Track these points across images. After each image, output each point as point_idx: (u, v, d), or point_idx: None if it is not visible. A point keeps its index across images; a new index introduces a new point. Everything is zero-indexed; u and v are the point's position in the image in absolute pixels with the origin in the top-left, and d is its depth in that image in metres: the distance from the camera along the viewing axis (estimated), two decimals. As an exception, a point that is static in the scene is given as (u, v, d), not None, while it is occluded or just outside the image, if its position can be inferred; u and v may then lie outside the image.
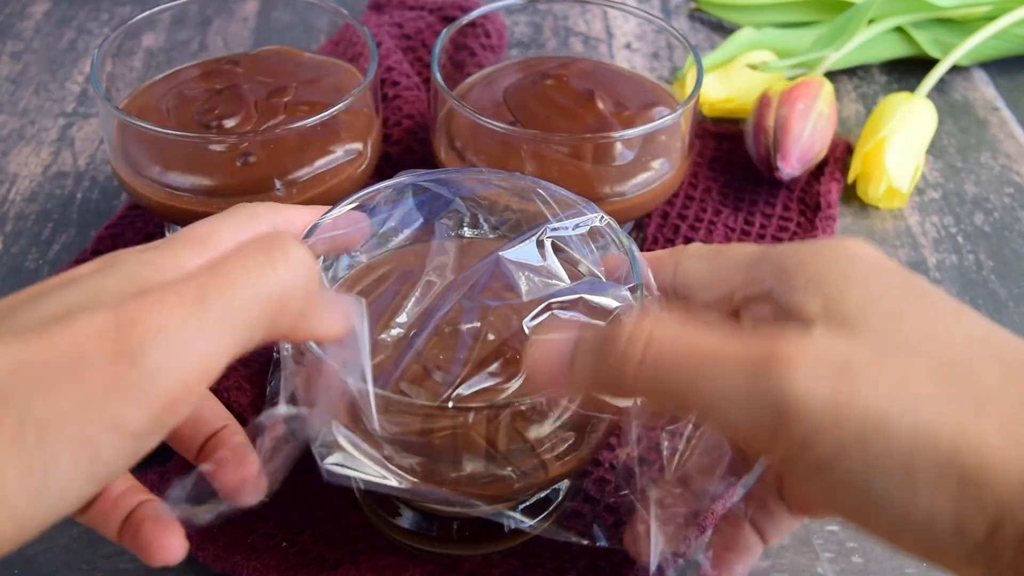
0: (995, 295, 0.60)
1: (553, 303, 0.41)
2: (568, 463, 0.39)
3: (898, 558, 0.46)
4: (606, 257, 0.42)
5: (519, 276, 0.41)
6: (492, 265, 0.42)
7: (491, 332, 0.41)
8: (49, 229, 0.62)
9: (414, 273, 0.43)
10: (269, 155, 0.51)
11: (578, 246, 0.43)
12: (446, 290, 0.42)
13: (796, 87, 0.63)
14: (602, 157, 0.53)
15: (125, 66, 0.58)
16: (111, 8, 0.83)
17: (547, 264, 0.42)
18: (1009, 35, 0.75)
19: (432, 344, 0.40)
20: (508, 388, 0.39)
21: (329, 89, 0.56)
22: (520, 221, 0.46)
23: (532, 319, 0.40)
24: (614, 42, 0.79)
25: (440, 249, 0.44)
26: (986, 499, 0.26)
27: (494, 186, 0.45)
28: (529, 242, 0.42)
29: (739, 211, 0.63)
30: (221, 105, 0.53)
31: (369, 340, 0.35)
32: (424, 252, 0.44)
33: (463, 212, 0.46)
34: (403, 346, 0.40)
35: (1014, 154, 0.70)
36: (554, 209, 0.43)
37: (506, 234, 0.46)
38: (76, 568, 0.45)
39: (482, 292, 0.41)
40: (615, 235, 0.42)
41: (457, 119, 0.55)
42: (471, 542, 0.45)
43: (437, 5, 0.75)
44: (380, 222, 0.45)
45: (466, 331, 0.41)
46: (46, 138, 0.69)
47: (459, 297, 0.41)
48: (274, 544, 0.44)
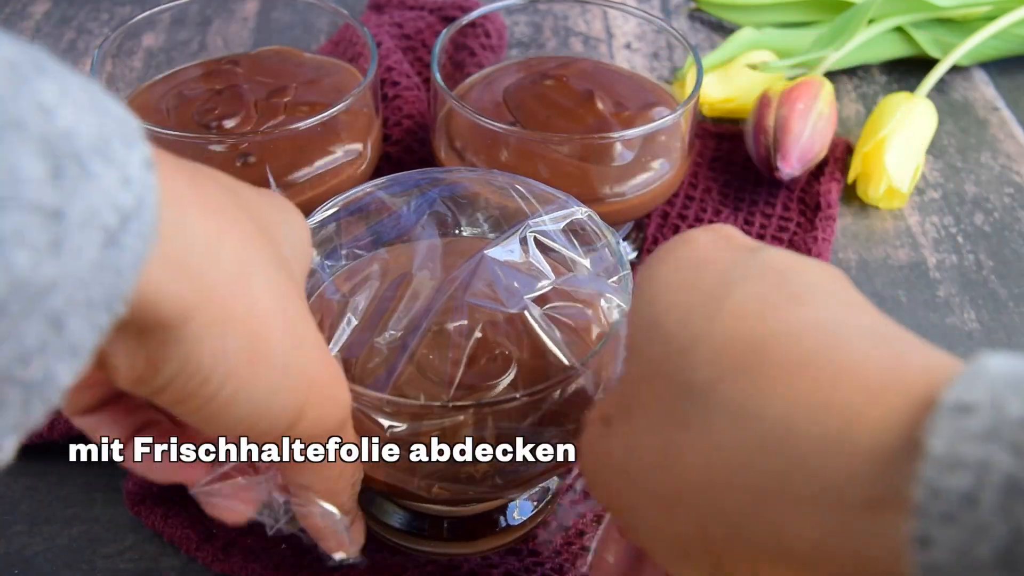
0: (995, 295, 0.60)
1: (540, 296, 0.42)
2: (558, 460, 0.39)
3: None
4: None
5: (504, 274, 0.42)
6: (477, 264, 0.42)
7: (478, 331, 0.41)
8: (49, 229, 0.62)
9: (400, 274, 0.43)
10: (269, 155, 0.51)
11: (562, 240, 0.43)
12: (434, 291, 0.42)
13: (796, 87, 0.63)
14: (602, 157, 0.53)
15: (125, 66, 0.58)
16: (111, 8, 0.83)
17: (531, 260, 0.42)
18: (1009, 35, 0.75)
19: (424, 345, 0.41)
20: (498, 384, 0.39)
21: (329, 89, 0.56)
22: (501, 218, 0.46)
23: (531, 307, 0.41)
24: (614, 42, 0.79)
25: (424, 249, 0.44)
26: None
27: (474, 184, 0.46)
28: (512, 239, 0.42)
29: (739, 211, 0.63)
30: (221, 105, 0.53)
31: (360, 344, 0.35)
32: (408, 253, 0.45)
33: (445, 211, 0.46)
34: (397, 348, 0.40)
35: (1014, 154, 0.70)
36: (533, 205, 0.44)
37: (488, 233, 0.47)
38: (76, 568, 0.45)
39: (469, 292, 0.42)
40: (597, 228, 0.43)
41: (457, 119, 0.55)
42: (463, 540, 0.45)
43: (437, 5, 0.75)
44: (367, 222, 0.45)
45: (455, 330, 0.41)
46: (46, 138, 0.69)
47: (446, 297, 0.42)
48: (272, 545, 0.44)
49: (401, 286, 0.43)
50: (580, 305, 0.43)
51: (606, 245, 0.43)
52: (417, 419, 0.37)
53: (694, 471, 0.26)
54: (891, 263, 0.62)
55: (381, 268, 0.44)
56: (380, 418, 0.37)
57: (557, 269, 0.43)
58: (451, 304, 0.42)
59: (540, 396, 0.37)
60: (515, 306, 0.41)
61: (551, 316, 0.41)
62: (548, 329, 0.40)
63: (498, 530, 0.45)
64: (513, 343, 0.41)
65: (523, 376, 0.40)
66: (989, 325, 0.58)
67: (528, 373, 0.40)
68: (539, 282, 0.42)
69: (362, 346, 0.41)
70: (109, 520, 0.47)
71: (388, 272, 0.44)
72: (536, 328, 0.40)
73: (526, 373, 0.40)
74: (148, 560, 0.45)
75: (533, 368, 0.40)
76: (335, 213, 0.44)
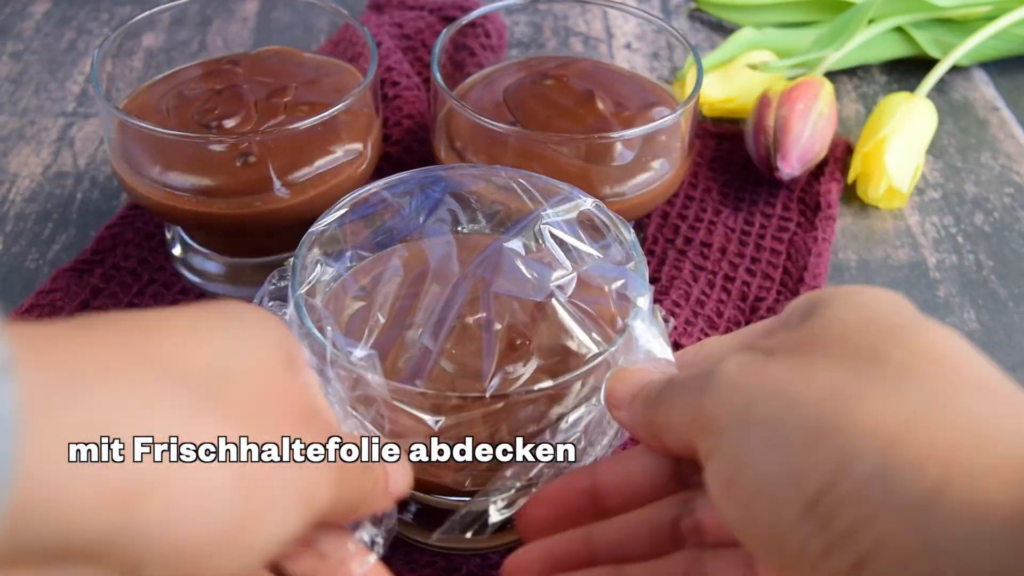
0: (995, 295, 0.60)
1: (561, 285, 0.42)
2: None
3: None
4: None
5: (523, 265, 0.42)
6: (496, 256, 0.43)
7: (504, 321, 0.42)
8: (49, 229, 0.62)
9: (419, 271, 0.44)
10: (269, 155, 0.51)
11: (573, 231, 0.44)
12: (455, 285, 0.43)
13: (796, 87, 0.63)
14: (602, 157, 0.53)
15: (125, 66, 0.58)
16: (111, 8, 0.83)
17: (547, 250, 0.43)
18: (1009, 35, 0.75)
19: (451, 339, 0.41)
20: (523, 374, 0.40)
21: (329, 89, 0.56)
22: (505, 213, 0.47)
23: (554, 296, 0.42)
24: (614, 42, 0.79)
25: (438, 246, 0.45)
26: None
27: (477, 180, 0.46)
28: (527, 231, 0.43)
29: (739, 211, 0.63)
30: (221, 105, 0.53)
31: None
32: (422, 250, 0.45)
33: (451, 208, 0.46)
34: (425, 344, 0.41)
35: (1014, 154, 0.70)
36: (538, 199, 0.44)
37: (496, 228, 0.47)
38: (76, 568, 0.45)
39: (494, 284, 0.42)
40: (606, 216, 0.44)
41: (457, 119, 0.55)
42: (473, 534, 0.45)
43: (437, 5, 0.75)
44: (374, 222, 0.45)
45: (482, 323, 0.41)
46: (46, 138, 0.69)
47: (468, 291, 0.42)
48: None
49: (421, 282, 0.43)
50: (597, 294, 0.43)
51: (617, 234, 0.43)
52: (456, 411, 0.37)
53: (868, 417, 0.27)
54: (891, 263, 0.62)
55: (400, 263, 0.44)
56: (419, 413, 0.37)
57: (572, 260, 0.44)
58: (475, 296, 0.42)
59: (570, 383, 0.38)
60: (541, 295, 0.42)
61: (575, 304, 0.42)
62: (578, 316, 0.41)
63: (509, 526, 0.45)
64: (537, 332, 0.42)
65: (549, 364, 0.41)
66: (989, 325, 0.58)
67: (554, 361, 0.41)
68: (558, 272, 0.43)
69: (392, 343, 0.41)
70: (109, 520, 0.47)
71: (406, 268, 0.44)
72: (565, 315, 0.41)
73: (552, 362, 0.41)
74: (148, 560, 0.45)
75: (559, 356, 0.41)
76: (342, 216, 0.44)
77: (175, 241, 0.59)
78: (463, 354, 0.41)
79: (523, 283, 0.42)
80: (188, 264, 0.58)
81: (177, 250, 0.58)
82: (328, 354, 0.37)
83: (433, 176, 0.46)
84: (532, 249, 0.43)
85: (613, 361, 0.39)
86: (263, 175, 0.51)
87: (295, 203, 0.51)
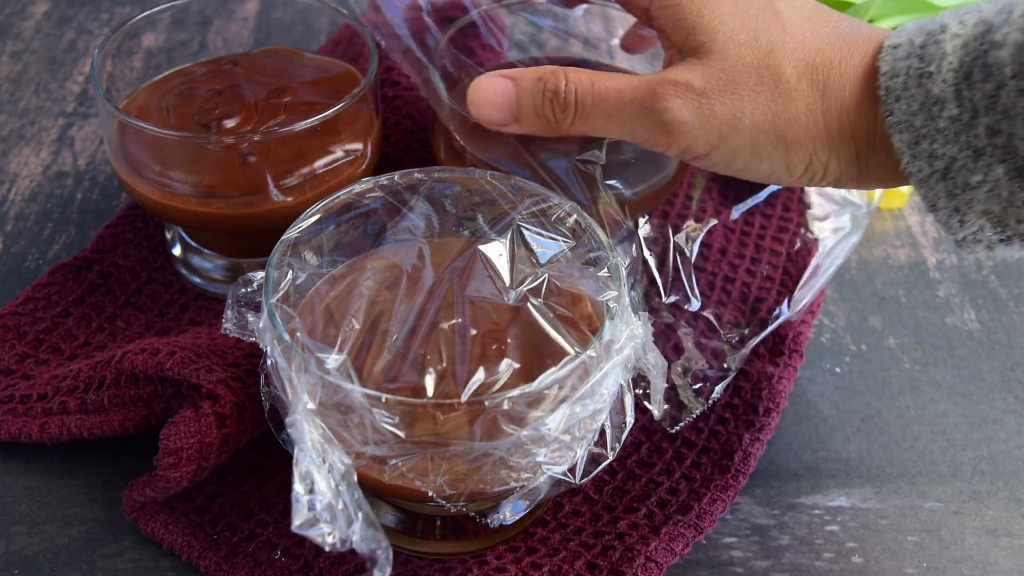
0: (995, 295, 0.60)
1: (532, 289, 0.42)
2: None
3: (898, 558, 0.46)
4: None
5: (499, 268, 0.42)
6: (471, 260, 0.43)
7: (478, 326, 0.41)
8: (49, 229, 0.62)
9: (394, 276, 0.44)
10: (269, 155, 0.51)
11: (548, 233, 0.44)
12: (429, 290, 0.43)
13: (796, 87, 0.63)
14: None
15: (125, 66, 0.58)
16: (111, 8, 0.83)
17: (522, 253, 0.43)
18: (1009, 35, 0.75)
19: (426, 344, 0.41)
20: (499, 379, 0.40)
21: (329, 89, 0.56)
22: (483, 215, 0.46)
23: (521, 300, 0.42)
24: (614, 42, 0.79)
25: (413, 250, 0.44)
26: (800, 154, 0.42)
27: (453, 183, 0.46)
28: (502, 234, 0.43)
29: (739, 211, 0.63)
30: (221, 105, 0.53)
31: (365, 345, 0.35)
32: (397, 255, 0.45)
33: (429, 212, 0.46)
34: (400, 350, 0.41)
35: (1014, 154, 0.70)
36: (513, 201, 0.44)
37: (471, 231, 0.47)
38: (76, 568, 0.45)
39: (467, 289, 0.42)
40: (582, 220, 0.44)
41: (456, 119, 0.55)
42: (455, 539, 0.45)
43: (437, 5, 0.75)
44: (348, 228, 0.45)
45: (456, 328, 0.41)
46: (46, 138, 0.69)
47: (442, 296, 0.42)
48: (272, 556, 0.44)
49: (395, 288, 0.43)
50: (573, 296, 0.43)
51: (592, 237, 0.43)
52: (432, 418, 0.37)
53: (795, 124, 0.41)
54: (891, 263, 0.62)
55: (374, 269, 0.44)
56: (394, 419, 0.37)
57: (548, 262, 0.44)
58: (449, 301, 0.42)
59: (548, 385, 0.37)
60: (514, 299, 0.41)
61: (551, 306, 0.42)
62: (553, 319, 0.41)
63: (491, 529, 0.45)
64: (512, 336, 0.41)
65: (525, 368, 0.40)
66: (989, 325, 0.58)
67: (530, 365, 0.41)
68: (534, 274, 0.42)
69: (366, 349, 0.41)
70: (109, 520, 0.47)
71: (380, 274, 0.44)
72: (540, 318, 0.41)
73: (528, 364, 0.41)
74: (148, 560, 0.45)
75: (535, 360, 0.41)
76: (316, 221, 0.44)
77: (175, 241, 0.59)
78: (438, 360, 0.40)
79: (498, 287, 0.42)
80: (188, 264, 0.58)
81: (177, 250, 0.58)
82: (300, 361, 0.37)
83: (408, 180, 0.46)
84: (507, 252, 0.43)
85: (590, 363, 0.38)
86: (263, 175, 0.51)
87: (295, 203, 0.51)
